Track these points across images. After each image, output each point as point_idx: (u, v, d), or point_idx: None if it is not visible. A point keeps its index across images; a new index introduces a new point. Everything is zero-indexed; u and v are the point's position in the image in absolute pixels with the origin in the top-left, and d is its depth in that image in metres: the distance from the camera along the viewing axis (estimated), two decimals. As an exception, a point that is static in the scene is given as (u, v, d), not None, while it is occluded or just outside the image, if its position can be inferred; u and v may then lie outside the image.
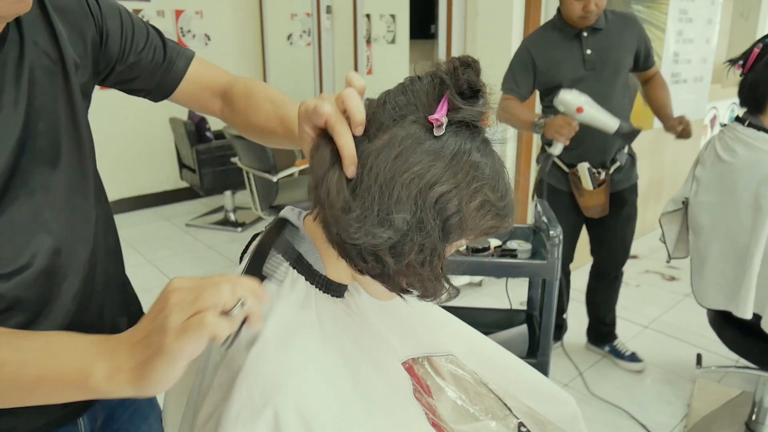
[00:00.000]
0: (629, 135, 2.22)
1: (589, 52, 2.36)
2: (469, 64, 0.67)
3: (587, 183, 2.43)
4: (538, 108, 2.75)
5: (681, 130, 2.44)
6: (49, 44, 0.79)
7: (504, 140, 0.74)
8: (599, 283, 2.77)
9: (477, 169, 0.68)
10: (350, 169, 0.66)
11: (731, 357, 2.71)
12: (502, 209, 0.71)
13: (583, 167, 2.42)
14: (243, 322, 0.58)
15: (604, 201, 2.48)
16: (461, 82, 0.67)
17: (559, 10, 2.39)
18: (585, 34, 2.36)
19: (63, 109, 0.81)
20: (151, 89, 0.96)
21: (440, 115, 0.66)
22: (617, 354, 2.77)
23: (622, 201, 2.54)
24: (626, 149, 2.51)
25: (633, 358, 2.74)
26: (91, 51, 0.85)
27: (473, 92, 0.68)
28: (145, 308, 0.65)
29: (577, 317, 3.00)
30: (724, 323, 2.07)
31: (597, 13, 2.28)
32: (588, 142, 2.36)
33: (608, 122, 2.16)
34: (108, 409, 0.94)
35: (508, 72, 2.46)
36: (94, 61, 0.86)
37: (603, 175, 2.45)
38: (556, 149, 2.25)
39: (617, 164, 2.47)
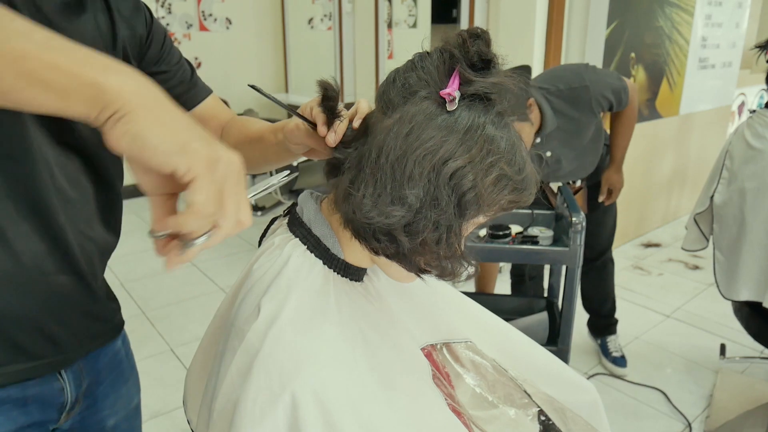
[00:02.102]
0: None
1: (549, 154, 2.16)
2: (478, 35, 0.65)
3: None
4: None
5: (605, 197, 2.38)
6: (105, 23, 0.84)
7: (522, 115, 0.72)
8: (587, 271, 2.64)
9: (492, 143, 0.66)
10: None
11: (756, 347, 2.67)
12: (520, 183, 0.69)
13: (554, 185, 2.26)
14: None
15: (580, 205, 2.37)
16: (471, 54, 0.65)
17: None
18: (538, 140, 2.13)
19: None
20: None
21: (452, 89, 0.65)
22: (604, 351, 2.64)
23: (599, 192, 2.43)
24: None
25: (617, 361, 2.59)
26: (138, 44, 0.91)
27: (485, 63, 0.66)
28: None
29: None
30: (751, 314, 2.04)
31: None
32: (566, 165, 2.25)
33: None
34: (93, 374, 0.95)
35: None
36: (138, 54, 0.92)
37: (578, 182, 2.32)
38: None
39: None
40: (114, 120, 0.51)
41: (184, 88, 1.01)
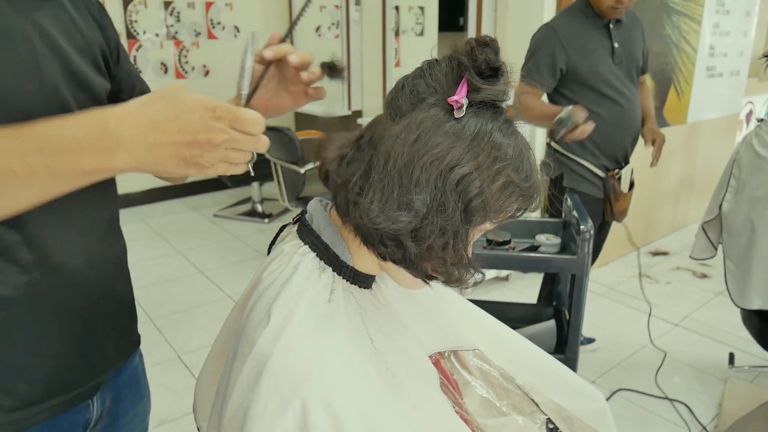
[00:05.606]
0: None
1: (617, 45, 2.24)
2: (486, 43, 0.66)
3: (626, 186, 2.35)
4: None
5: (654, 143, 2.42)
6: (79, 19, 0.82)
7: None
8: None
9: (499, 150, 0.66)
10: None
11: (764, 357, 2.65)
12: (527, 190, 0.70)
13: (629, 169, 2.34)
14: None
15: (628, 203, 2.41)
16: (479, 62, 0.66)
17: None
18: (612, 25, 2.24)
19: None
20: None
21: (460, 96, 0.65)
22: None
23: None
24: None
25: (586, 341, 2.77)
26: (113, 46, 0.91)
27: (493, 71, 0.66)
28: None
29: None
30: (760, 322, 2.03)
31: (628, 5, 2.13)
32: (619, 138, 2.30)
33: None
34: (115, 390, 0.97)
35: (531, 60, 2.22)
36: (109, 55, 0.90)
37: (632, 174, 2.39)
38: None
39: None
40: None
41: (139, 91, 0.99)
